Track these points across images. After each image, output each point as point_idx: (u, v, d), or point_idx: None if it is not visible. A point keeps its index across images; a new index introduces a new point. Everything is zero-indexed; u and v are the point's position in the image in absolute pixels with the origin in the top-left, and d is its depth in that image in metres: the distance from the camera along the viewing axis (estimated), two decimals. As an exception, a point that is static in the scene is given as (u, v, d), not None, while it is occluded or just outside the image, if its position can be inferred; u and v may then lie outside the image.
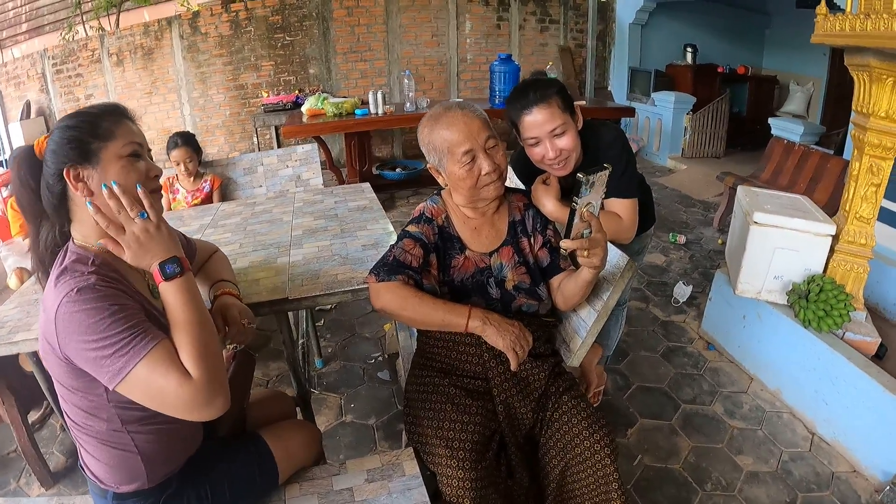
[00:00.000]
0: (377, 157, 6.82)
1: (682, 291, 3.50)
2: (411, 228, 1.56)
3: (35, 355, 1.67)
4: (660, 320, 3.29)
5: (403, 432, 1.85)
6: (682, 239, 4.48)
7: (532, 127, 1.69)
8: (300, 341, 2.67)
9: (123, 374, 0.95)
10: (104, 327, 0.95)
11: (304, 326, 2.76)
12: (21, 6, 9.35)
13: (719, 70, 7.38)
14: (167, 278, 1.05)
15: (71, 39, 7.08)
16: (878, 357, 2.36)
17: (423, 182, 5.84)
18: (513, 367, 1.44)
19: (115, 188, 1.04)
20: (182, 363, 0.98)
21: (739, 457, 2.26)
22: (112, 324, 0.95)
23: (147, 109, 6.69)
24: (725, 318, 2.92)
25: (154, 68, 6.63)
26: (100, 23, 7.54)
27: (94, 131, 1.07)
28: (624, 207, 1.81)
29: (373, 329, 3.20)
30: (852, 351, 2.31)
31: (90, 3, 7.67)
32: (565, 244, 1.33)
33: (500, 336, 1.43)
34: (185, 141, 3.10)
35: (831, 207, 2.65)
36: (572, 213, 1.28)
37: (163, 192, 2.97)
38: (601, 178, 1.28)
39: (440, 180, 1.57)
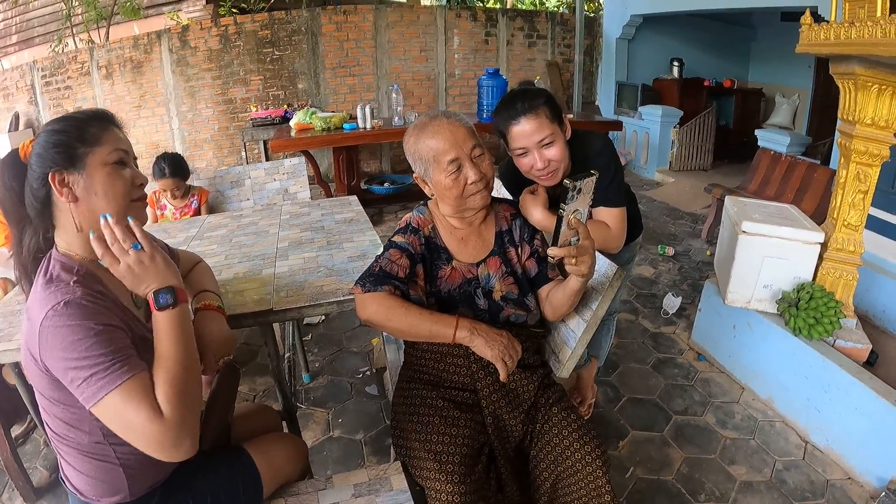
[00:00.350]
0: (365, 171, 6.83)
1: (672, 303, 3.49)
2: (397, 239, 1.54)
3: (17, 366, 1.63)
4: (649, 332, 3.28)
5: (392, 447, 1.82)
6: (670, 251, 4.49)
7: (520, 137, 1.67)
8: (286, 355, 2.64)
9: (96, 398, 0.93)
10: (85, 347, 0.93)
11: (290, 340, 2.73)
12: (11, 18, 9.39)
13: (705, 83, 7.48)
14: (159, 308, 1.04)
15: (60, 52, 7.11)
16: (870, 364, 2.36)
17: (412, 197, 5.83)
18: (502, 377, 1.41)
19: (109, 220, 1.04)
20: (156, 399, 0.96)
21: (733, 467, 2.24)
22: (93, 345, 0.93)
23: (136, 123, 6.67)
24: (715, 329, 2.91)
25: (143, 82, 6.62)
26: (90, 35, 7.60)
27: (81, 136, 1.06)
28: (612, 216, 1.79)
29: (360, 343, 3.17)
30: (844, 358, 2.31)
31: (80, 16, 7.70)
32: (553, 252, 1.31)
33: (488, 346, 1.40)
34: (174, 171, 3.06)
35: (819, 217, 2.67)
36: (559, 220, 1.27)
37: (149, 206, 2.96)
38: (588, 184, 1.27)
39: (426, 190, 1.55)
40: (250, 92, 6.65)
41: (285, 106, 6.55)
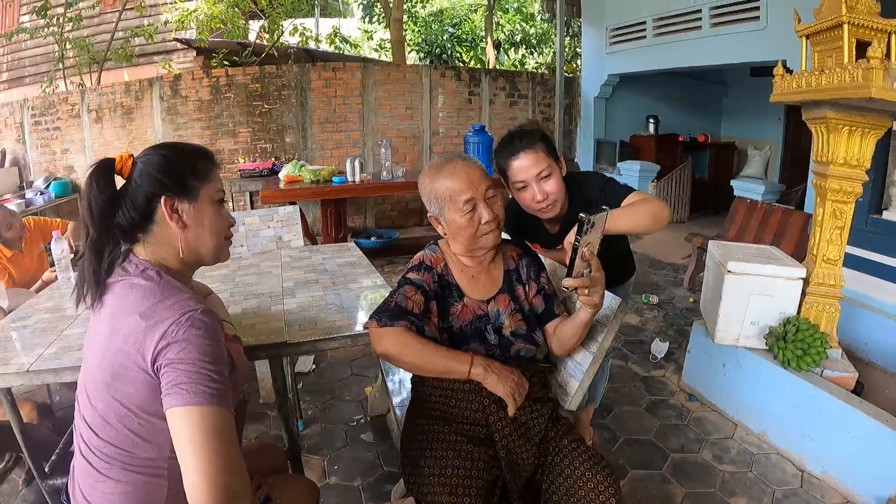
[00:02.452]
0: (350, 226, 6.87)
1: (660, 347, 3.56)
2: (412, 275, 1.58)
3: (10, 395, 1.61)
4: (640, 376, 3.32)
5: (393, 492, 1.82)
6: (654, 299, 4.59)
7: (520, 171, 1.78)
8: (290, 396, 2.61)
9: (195, 402, 0.95)
10: (215, 358, 0.99)
11: (288, 384, 2.71)
12: (3, 56, 9.43)
13: (680, 139, 7.75)
14: None
15: (51, 92, 7.11)
16: (856, 394, 2.42)
17: (398, 251, 5.87)
18: (510, 412, 1.45)
19: None
20: (237, 445, 0.98)
21: (733, 498, 2.26)
22: (220, 361, 1.00)
23: None
24: (705, 368, 2.97)
25: (133, 128, 6.63)
26: (81, 78, 7.63)
27: (193, 168, 1.14)
28: (637, 196, 1.84)
29: (353, 392, 3.15)
30: (833, 386, 2.39)
31: (72, 59, 7.77)
32: (567, 282, 1.36)
33: (500, 383, 1.45)
34: None
35: (797, 258, 2.79)
36: (574, 251, 1.32)
37: None
38: (601, 219, 1.34)
39: (439, 229, 1.61)
40: (238, 144, 6.68)
41: (273, 159, 6.61)
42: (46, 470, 1.59)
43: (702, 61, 5.83)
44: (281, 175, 5.06)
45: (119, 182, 1.15)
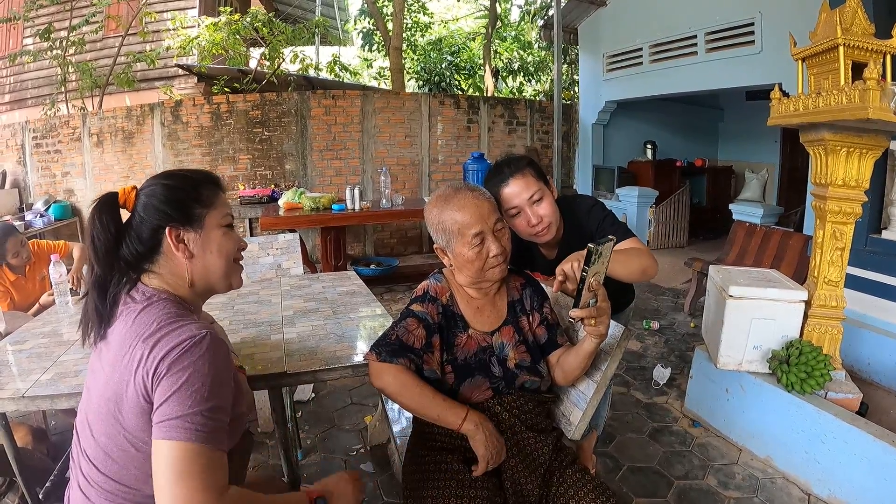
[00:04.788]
0: (349, 254, 6.88)
1: (661, 374, 3.53)
2: (415, 308, 1.56)
3: (4, 420, 1.60)
4: (642, 403, 3.30)
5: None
6: (655, 325, 4.57)
7: (511, 197, 1.78)
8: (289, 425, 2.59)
9: (179, 437, 0.93)
10: (211, 390, 0.97)
11: (288, 412, 2.68)
12: (6, 77, 9.53)
13: (678, 164, 7.81)
14: None
15: (53, 115, 7.17)
16: (861, 414, 2.40)
17: (397, 279, 5.87)
18: (476, 473, 1.43)
19: None
20: (222, 481, 0.96)
21: (740, 526, 2.22)
22: (218, 394, 0.98)
23: None
24: (708, 394, 2.95)
25: (133, 152, 6.68)
26: (83, 102, 7.71)
27: (197, 196, 1.13)
28: (633, 242, 1.85)
29: (353, 421, 3.12)
30: (838, 408, 2.37)
31: (75, 83, 7.84)
32: (574, 313, 1.36)
33: (485, 446, 1.42)
34: None
35: (797, 280, 2.79)
36: (581, 282, 1.32)
37: None
38: (607, 248, 1.34)
39: (445, 261, 1.60)
40: (238, 170, 6.72)
41: (273, 186, 6.64)
42: (40, 496, 1.57)
43: (698, 86, 5.90)
44: (280, 202, 5.09)
45: (124, 214, 1.15)
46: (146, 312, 1.04)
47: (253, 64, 8.80)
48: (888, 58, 2.18)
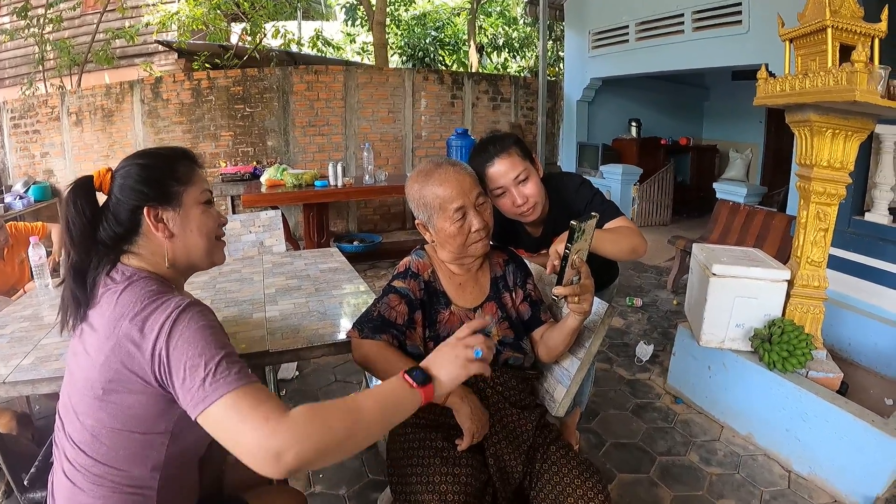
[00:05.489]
0: (332, 231, 6.84)
1: (644, 350, 3.56)
2: (397, 284, 1.55)
3: None
4: (625, 379, 3.32)
5: (379, 501, 1.79)
6: (638, 302, 4.61)
7: (497, 177, 1.75)
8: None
9: (218, 394, 0.89)
10: (216, 342, 0.94)
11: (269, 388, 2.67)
12: None
13: (662, 142, 7.81)
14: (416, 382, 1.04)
15: (31, 95, 6.99)
16: (841, 394, 2.44)
17: (380, 255, 5.87)
18: (461, 447, 1.43)
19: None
20: (276, 404, 0.92)
21: (721, 501, 2.26)
22: (221, 341, 0.95)
23: None
24: (691, 371, 2.97)
25: (113, 131, 6.55)
26: (61, 81, 7.54)
27: (173, 174, 1.11)
28: (622, 221, 1.83)
29: (338, 397, 3.11)
30: (819, 387, 2.41)
31: (53, 61, 7.66)
32: (557, 291, 1.34)
33: (470, 419, 1.42)
34: None
35: (780, 260, 2.81)
36: (565, 259, 1.30)
37: None
38: (590, 225, 1.32)
39: (427, 236, 1.58)
40: (220, 147, 6.63)
41: (254, 163, 6.56)
42: (25, 483, 1.53)
43: (684, 65, 5.87)
44: (263, 179, 5.04)
45: (100, 198, 1.11)
46: (128, 292, 1.01)
47: (234, 39, 8.64)
48: (876, 41, 2.18)
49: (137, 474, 1.02)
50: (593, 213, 1.33)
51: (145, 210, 1.07)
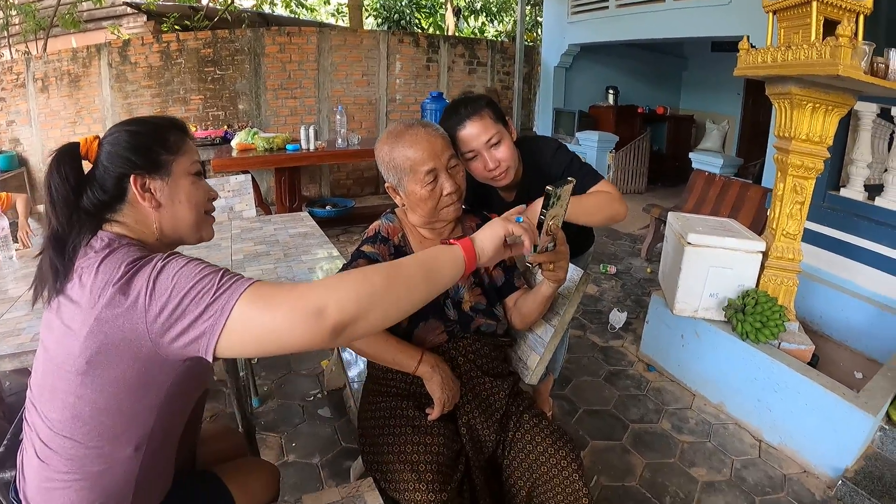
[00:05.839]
0: (304, 195, 6.73)
1: (618, 318, 3.58)
2: (366, 248, 1.51)
3: None
4: (598, 346, 3.34)
5: (352, 469, 1.77)
6: (612, 269, 4.62)
7: (468, 140, 1.68)
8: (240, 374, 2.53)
9: (230, 306, 0.85)
10: (202, 270, 0.88)
11: (239, 362, 2.62)
12: None
13: (639, 111, 7.79)
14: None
15: None
16: (812, 365, 2.47)
17: (353, 220, 5.82)
18: (432, 417, 1.42)
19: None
20: (287, 285, 0.88)
21: (693, 469, 2.30)
22: (207, 267, 0.89)
23: (70, 140, 6.32)
24: (663, 340, 3.00)
25: (80, 97, 6.31)
26: (27, 46, 7.24)
27: (163, 142, 1.05)
28: (603, 186, 1.78)
29: (310, 366, 3.08)
30: (791, 358, 2.43)
31: (18, 26, 7.33)
32: (532, 258, 1.30)
33: (441, 388, 1.42)
34: None
35: (754, 231, 2.83)
36: (540, 225, 1.26)
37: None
38: (566, 191, 1.28)
39: (397, 200, 1.53)
40: (190, 111, 6.44)
41: (225, 127, 6.39)
42: (-6, 460, 1.48)
43: (664, 34, 5.80)
44: (233, 143, 4.92)
45: (85, 167, 1.05)
46: (110, 259, 0.95)
47: (204, 0, 8.32)
48: (861, 17, 2.15)
49: (119, 455, 0.98)
50: (569, 179, 1.29)
51: (132, 178, 1.01)
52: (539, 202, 1.31)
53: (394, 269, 0.93)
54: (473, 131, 1.67)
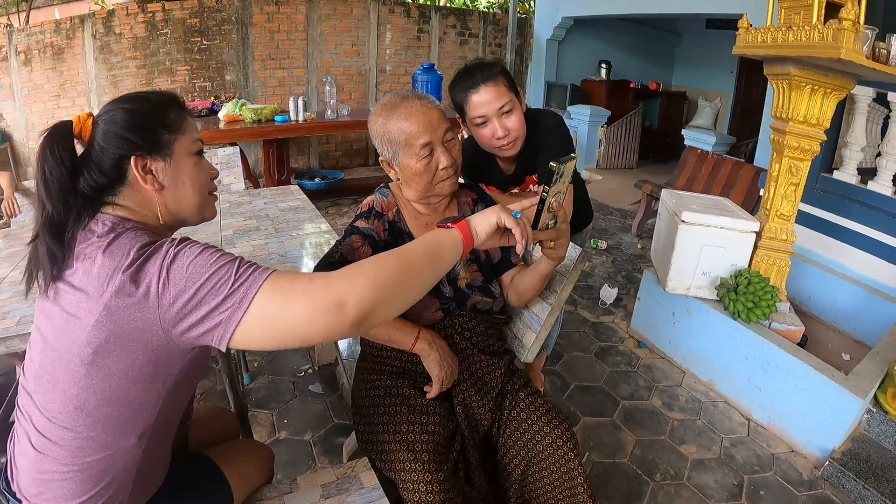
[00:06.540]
0: (293, 167, 6.65)
1: (609, 293, 3.58)
2: (360, 224, 1.47)
3: None
4: (589, 322, 3.35)
5: (344, 446, 1.76)
6: (603, 245, 4.63)
7: (480, 105, 1.66)
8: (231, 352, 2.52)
9: (248, 299, 0.84)
10: (217, 259, 0.86)
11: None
12: None
13: (632, 86, 7.74)
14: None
15: None
16: (801, 346, 2.49)
17: (343, 192, 5.78)
18: (430, 395, 1.41)
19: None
20: (304, 277, 0.87)
21: (683, 446, 2.32)
22: (223, 256, 0.87)
23: (54, 114, 6.19)
24: (655, 316, 3.00)
25: (63, 69, 6.14)
26: (9, 19, 7.01)
27: (163, 120, 1.00)
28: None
29: (300, 341, 3.06)
30: (781, 339, 2.45)
31: None
32: (533, 235, 1.27)
33: (438, 365, 1.40)
34: None
35: (746, 210, 2.82)
36: (542, 202, 1.23)
37: None
38: (569, 167, 1.25)
39: (392, 174, 1.49)
40: (176, 83, 6.30)
41: (212, 98, 6.27)
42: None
43: (660, 9, 5.73)
44: (221, 115, 4.86)
45: (79, 148, 1.00)
46: (116, 244, 0.90)
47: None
48: (864, 1, 2.12)
49: (122, 445, 0.96)
50: (573, 154, 1.26)
51: (133, 160, 0.96)
52: (534, 207, 1.28)
53: (403, 256, 0.95)
54: (487, 97, 1.65)
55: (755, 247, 2.63)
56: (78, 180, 0.97)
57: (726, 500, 2.07)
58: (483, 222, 1.08)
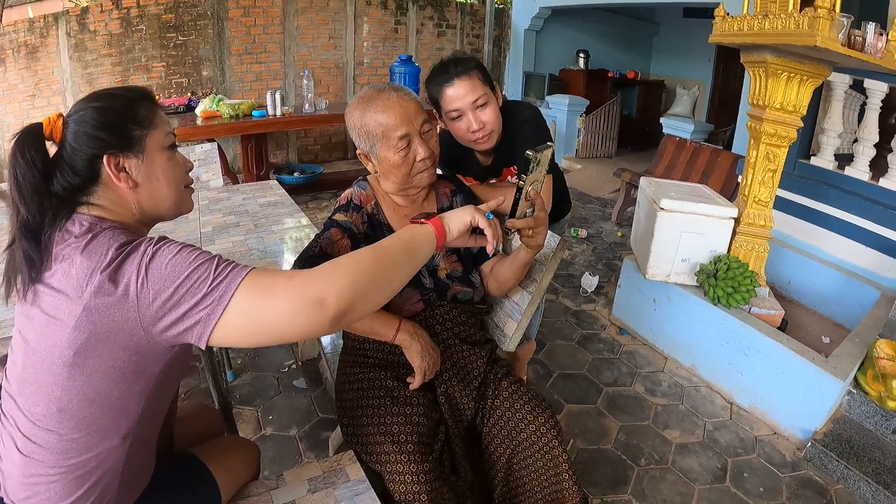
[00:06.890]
0: (272, 162, 6.59)
1: (590, 282, 3.61)
2: (339, 217, 1.47)
3: None
4: (571, 310, 3.37)
5: (330, 440, 1.76)
6: (583, 233, 4.66)
7: (454, 99, 1.66)
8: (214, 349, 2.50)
9: (228, 296, 0.84)
10: (196, 258, 0.86)
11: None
12: None
13: (610, 75, 7.77)
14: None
15: None
16: (781, 330, 2.52)
17: (322, 186, 5.75)
18: (413, 386, 1.42)
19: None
20: (284, 275, 0.87)
21: (666, 431, 2.35)
22: (202, 255, 0.87)
23: (29, 114, 6.07)
24: (636, 304, 3.03)
25: (38, 68, 6.02)
26: None
27: (133, 117, 0.98)
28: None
29: (283, 336, 3.05)
30: (761, 323, 2.48)
31: None
32: (511, 224, 1.29)
33: (420, 356, 1.40)
34: None
35: (724, 197, 2.85)
36: (518, 191, 1.23)
37: None
38: (546, 155, 1.26)
39: (370, 167, 1.49)
40: (152, 79, 6.20)
41: (189, 94, 6.20)
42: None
43: (637, -2, 5.76)
44: (198, 111, 4.79)
45: (50, 148, 0.98)
46: (94, 244, 0.89)
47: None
48: None
49: (106, 446, 0.95)
50: (549, 143, 1.27)
51: (105, 158, 0.95)
52: (509, 204, 1.28)
53: (380, 251, 0.96)
54: (461, 91, 1.65)
55: (734, 233, 2.66)
56: (51, 182, 0.95)
57: (711, 483, 2.10)
58: (456, 220, 1.11)
